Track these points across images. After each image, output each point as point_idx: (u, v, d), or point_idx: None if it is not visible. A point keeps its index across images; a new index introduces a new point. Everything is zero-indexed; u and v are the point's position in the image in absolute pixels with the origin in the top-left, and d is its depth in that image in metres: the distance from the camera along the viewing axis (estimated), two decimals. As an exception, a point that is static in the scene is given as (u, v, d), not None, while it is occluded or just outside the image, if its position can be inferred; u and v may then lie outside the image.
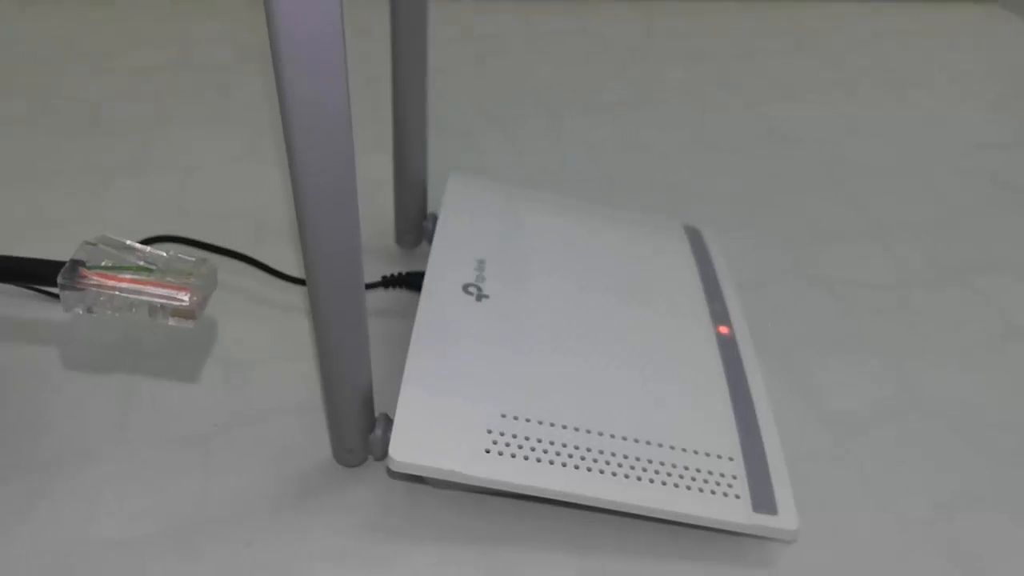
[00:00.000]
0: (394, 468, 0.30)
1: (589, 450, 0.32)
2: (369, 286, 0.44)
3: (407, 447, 0.30)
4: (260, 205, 0.51)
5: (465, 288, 0.38)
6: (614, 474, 0.32)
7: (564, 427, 0.33)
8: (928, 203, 0.59)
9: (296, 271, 0.46)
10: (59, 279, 0.26)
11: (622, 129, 0.65)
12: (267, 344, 0.41)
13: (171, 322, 0.27)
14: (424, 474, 0.31)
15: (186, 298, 0.27)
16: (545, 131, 0.63)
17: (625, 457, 0.32)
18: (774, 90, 0.73)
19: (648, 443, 0.33)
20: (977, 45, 0.88)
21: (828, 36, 0.86)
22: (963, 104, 0.74)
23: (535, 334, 0.36)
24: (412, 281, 0.44)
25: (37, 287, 0.35)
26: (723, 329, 0.40)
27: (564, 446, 0.32)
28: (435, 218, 0.47)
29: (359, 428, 0.33)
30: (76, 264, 0.27)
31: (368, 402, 0.33)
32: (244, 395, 0.38)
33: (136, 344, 0.40)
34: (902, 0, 0.96)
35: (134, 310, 0.27)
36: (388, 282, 0.44)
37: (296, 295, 0.44)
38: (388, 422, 0.33)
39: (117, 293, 0.26)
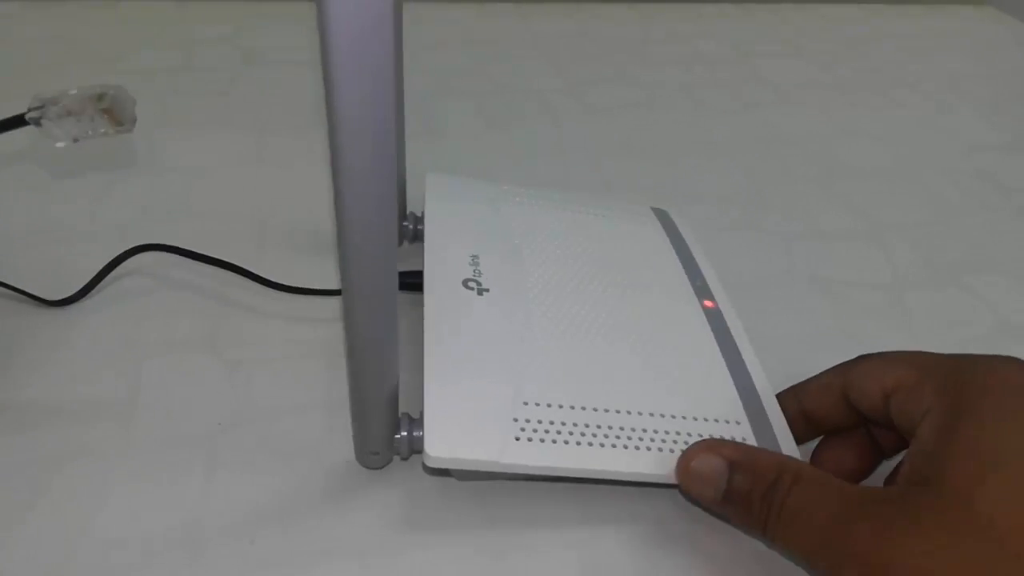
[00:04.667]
0: (431, 464, 0.31)
1: (611, 428, 0.34)
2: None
3: (442, 443, 0.31)
4: (264, 207, 0.52)
5: (465, 284, 0.38)
6: (637, 448, 0.33)
7: (583, 408, 0.34)
8: (922, 203, 0.59)
9: (297, 276, 0.46)
10: (27, 116, 0.33)
11: (621, 130, 0.65)
12: (268, 345, 0.42)
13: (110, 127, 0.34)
14: (460, 467, 0.31)
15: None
16: (545, 133, 0.64)
17: (644, 431, 0.34)
18: (770, 92, 0.74)
19: (663, 416, 0.35)
20: (970, 46, 0.88)
21: (823, 38, 0.87)
22: (956, 105, 0.75)
23: (540, 323, 0.38)
24: (405, 282, 0.44)
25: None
26: (708, 303, 0.42)
27: (587, 426, 0.33)
28: (415, 218, 0.48)
29: (386, 430, 0.33)
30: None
31: (395, 404, 0.33)
32: (247, 395, 0.39)
33: (139, 342, 0.41)
34: (896, 2, 0.97)
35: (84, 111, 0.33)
36: None
37: (296, 304, 0.44)
38: (411, 422, 0.34)
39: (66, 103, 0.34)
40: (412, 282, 0.44)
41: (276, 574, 0.31)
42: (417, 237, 0.48)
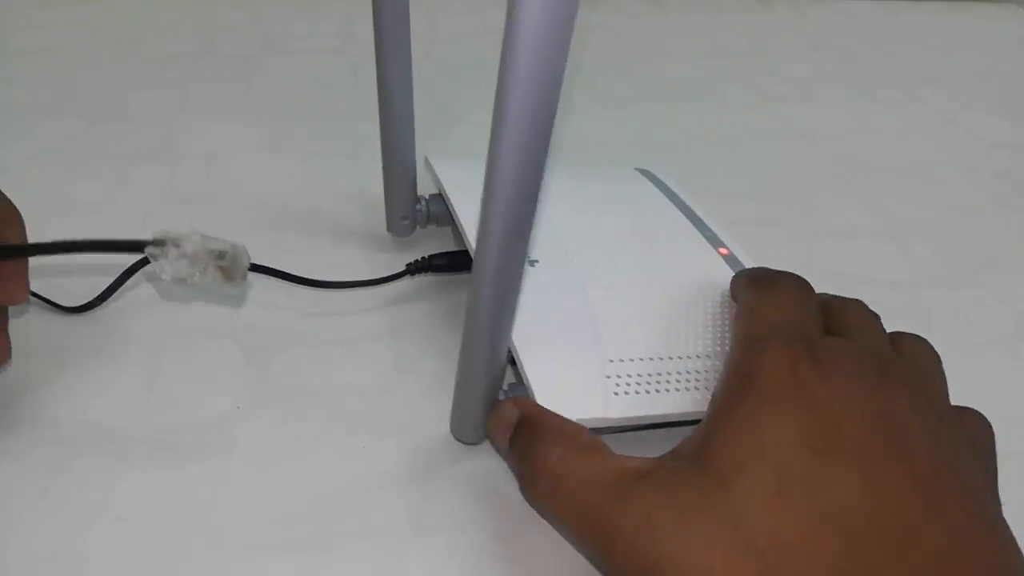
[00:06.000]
0: None
1: (689, 372, 0.36)
2: (393, 277, 0.45)
3: (553, 407, 0.33)
4: (283, 193, 0.52)
5: None
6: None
7: (660, 359, 0.36)
8: (942, 201, 0.59)
9: (317, 265, 0.45)
10: (146, 249, 0.33)
11: (636, 125, 0.65)
12: (286, 332, 0.42)
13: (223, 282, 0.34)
14: None
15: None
16: (562, 126, 0.64)
17: (717, 371, 0.36)
18: (788, 87, 0.74)
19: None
20: (992, 43, 0.88)
21: (843, 34, 0.86)
22: (977, 103, 0.74)
23: (593, 285, 0.39)
24: (437, 265, 0.45)
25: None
26: (723, 250, 0.44)
27: (670, 374, 0.36)
28: (426, 201, 0.48)
29: (489, 404, 0.34)
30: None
31: (503, 377, 0.34)
32: (262, 380, 0.39)
33: (158, 328, 0.41)
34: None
35: (199, 260, 0.33)
36: (414, 269, 0.44)
37: (313, 295, 0.44)
38: (505, 393, 0.35)
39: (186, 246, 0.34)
40: (440, 264, 0.44)
41: (303, 555, 0.32)
42: (431, 220, 0.48)
